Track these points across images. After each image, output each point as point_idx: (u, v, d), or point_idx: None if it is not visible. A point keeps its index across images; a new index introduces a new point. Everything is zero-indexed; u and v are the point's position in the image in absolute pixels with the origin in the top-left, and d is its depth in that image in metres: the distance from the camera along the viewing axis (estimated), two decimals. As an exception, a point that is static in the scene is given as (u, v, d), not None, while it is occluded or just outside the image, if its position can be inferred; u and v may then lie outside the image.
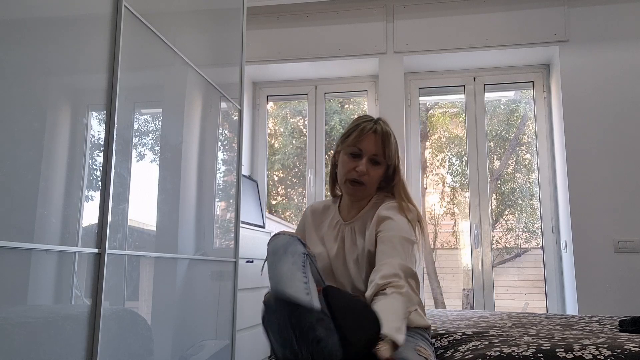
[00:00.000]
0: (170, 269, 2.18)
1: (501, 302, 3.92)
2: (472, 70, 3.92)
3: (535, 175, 3.84)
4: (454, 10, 3.71)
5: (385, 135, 1.50)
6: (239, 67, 2.90)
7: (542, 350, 1.33)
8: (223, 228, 2.70)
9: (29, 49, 1.41)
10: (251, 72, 3.97)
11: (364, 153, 1.49)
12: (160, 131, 2.14)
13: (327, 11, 3.84)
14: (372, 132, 1.49)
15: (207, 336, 2.40)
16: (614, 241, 3.29)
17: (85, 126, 1.66)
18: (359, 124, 1.52)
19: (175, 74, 2.25)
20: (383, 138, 1.49)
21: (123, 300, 1.86)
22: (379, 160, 1.49)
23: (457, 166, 4.23)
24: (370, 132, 1.49)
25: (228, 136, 2.85)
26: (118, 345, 1.76)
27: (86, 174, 1.65)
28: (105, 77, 1.74)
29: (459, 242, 4.11)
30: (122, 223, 1.82)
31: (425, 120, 4.28)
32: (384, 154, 1.49)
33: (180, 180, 2.25)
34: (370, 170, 1.49)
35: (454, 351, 1.52)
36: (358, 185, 1.50)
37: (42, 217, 1.46)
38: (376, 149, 1.49)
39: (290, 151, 4.31)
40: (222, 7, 2.79)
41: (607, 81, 3.46)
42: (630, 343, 1.35)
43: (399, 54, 3.75)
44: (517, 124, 4.26)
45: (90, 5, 1.69)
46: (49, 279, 1.49)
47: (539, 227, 3.79)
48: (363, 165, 1.47)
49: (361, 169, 1.47)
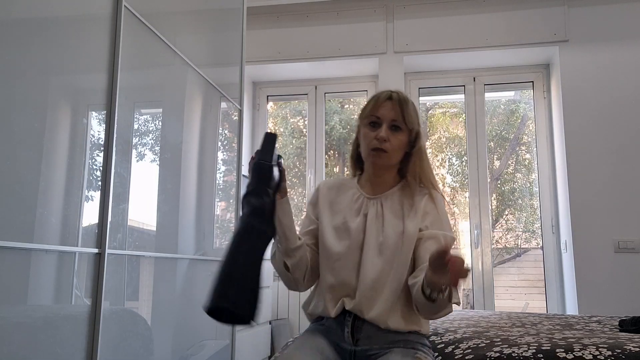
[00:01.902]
0: (170, 269, 2.18)
1: (501, 302, 3.92)
2: (472, 70, 3.92)
3: (535, 175, 3.84)
4: (454, 10, 3.71)
5: (402, 101, 1.47)
6: (239, 67, 2.90)
7: (542, 351, 1.33)
8: (223, 228, 2.70)
9: (29, 49, 1.41)
10: (251, 72, 3.97)
11: (382, 120, 1.45)
12: (160, 131, 2.14)
13: (327, 11, 3.84)
14: (388, 100, 1.47)
15: (207, 336, 2.40)
16: (614, 241, 3.29)
17: (85, 126, 1.66)
18: (375, 96, 1.51)
19: (175, 74, 2.25)
20: (400, 103, 1.46)
21: (123, 300, 1.86)
22: (399, 124, 1.45)
23: (457, 166, 4.23)
24: (386, 99, 1.47)
25: (228, 136, 2.85)
26: (118, 345, 1.76)
27: (86, 174, 1.65)
28: (105, 77, 1.74)
29: (459, 242, 4.11)
30: (122, 223, 1.82)
31: (425, 120, 4.28)
32: (403, 119, 1.44)
33: (180, 180, 2.25)
34: (391, 137, 1.44)
35: (455, 347, 1.52)
36: (381, 152, 1.44)
37: (42, 217, 1.46)
38: (395, 114, 1.45)
39: (290, 151, 4.31)
40: (222, 7, 2.79)
41: (607, 81, 3.46)
42: (630, 343, 1.35)
43: (399, 54, 3.75)
44: (517, 124, 4.26)
45: (90, 5, 1.69)
46: (49, 279, 1.49)
47: (539, 227, 3.79)
48: (383, 132, 1.43)
49: (382, 135, 1.43)
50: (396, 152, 1.46)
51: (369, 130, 1.47)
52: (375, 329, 1.36)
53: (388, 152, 1.44)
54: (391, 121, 1.44)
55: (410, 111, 1.46)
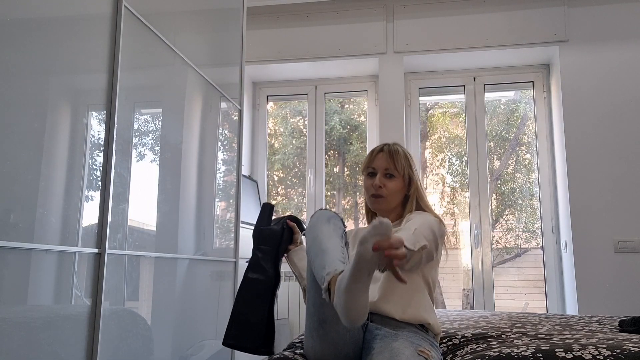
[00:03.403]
0: (170, 269, 2.18)
1: (501, 302, 3.92)
2: (472, 70, 3.92)
3: (535, 175, 3.84)
4: (454, 10, 3.71)
5: (393, 151, 1.68)
6: (238, 67, 2.90)
7: (541, 350, 1.33)
8: (223, 228, 2.70)
9: (29, 49, 1.42)
10: (251, 72, 3.97)
11: (377, 170, 1.67)
12: (160, 131, 2.14)
13: (327, 11, 3.84)
14: (380, 152, 1.69)
15: (207, 336, 2.40)
16: (614, 241, 3.29)
17: (85, 126, 1.66)
18: (371, 150, 1.74)
19: (175, 74, 2.25)
20: (391, 154, 1.68)
21: (123, 300, 1.86)
22: (392, 172, 1.66)
23: (457, 166, 4.23)
24: (379, 152, 1.70)
25: (228, 136, 2.85)
26: (118, 345, 1.76)
27: (86, 174, 1.65)
28: (105, 77, 1.74)
29: (459, 242, 4.11)
30: (122, 223, 1.82)
31: (425, 120, 4.28)
32: (395, 167, 1.65)
33: (180, 180, 2.25)
34: (387, 183, 1.65)
35: (453, 356, 1.52)
36: (378, 198, 1.65)
37: (42, 217, 1.46)
38: (387, 163, 1.66)
39: (290, 151, 4.31)
40: (222, 7, 2.79)
41: (607, 81, 3.46)
42: (630, 343, 1.35)
43: (399, 54, 3.75)
44: (517, 124, 4.26)
45: (90, 5, 1.69)
46: (49, 279, 1.49)
47: (539, 227, 3.79)
48: (377, 180, 1.65)
49: (376, 183, 1.65)
50: (393, 196, 1.67)
51: (367, 180, 1.70)
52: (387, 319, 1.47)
53: (385, 197, 1.65)
54: (384, 170, 1.67)
55: (401, 159, 1.67)
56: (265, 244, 1.62)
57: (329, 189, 4.19)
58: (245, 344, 1.51)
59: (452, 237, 4.16)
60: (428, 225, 1.47)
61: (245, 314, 1.53)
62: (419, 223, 1.46)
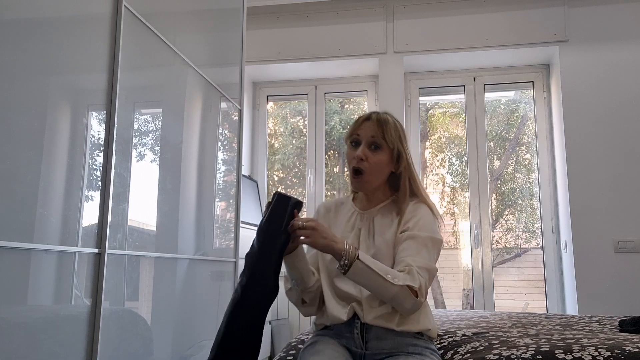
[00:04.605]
0: (170, 269, 2.18)
1: (501, 302, 3.91)
2: (472, 70, 3.92)
3: (535, 175, 3.84)
4: (454, 10, 3.71)
5: (382, 120, 1.47)
6: (238, 67, 2.90)
7: (541, 352, 1.33)
8: (223, 228, 2.70)
9: (29, 49, 1.42)
10: (251, 72, 3.97)
11: (361, 138, 1.46)
12: (160, 131, 2.14)
13: (327, 11, 3.84)
14: (367, 120, 1.48)
15: (207, 336, 2.40)
16: (614, 241, 3.29)
17: (85, 126, 1.66)
18: (357, 118, 1.53)
19: (175, 74, 2.25)
20: (380, 122, 1.46)
21: (123, 300, 1.86)
22: (378, 142, 1.44)
23: (457, 166, 4.23)
24: (365, 120, 1.49)
25: (228, 136, 2.85)
26: (118, 345, 1.76)
27: (86, 174, 1.65)
28: (105, 77, 1.74)
29: (459, 242, 4.11)
30: (122, 223, 1.82)
31: (425, 120, 4.28)
32: (383, 136, 1.44)
33: (180, 180, 2.25)
34: (370, 156, 1.44)
35: (454, 353, 1.52)
36: (357, 176, 1.45)
37: (42, 217, 1.46)
38: (373, 131, 1.45)
39: (290, 151, 4.31)
40: (222, 7, 2.79)
41: (607, 81, 3.46)
42: (630, 343, 1.34)
43: (399, 54, 3.75)
44: (517, 124, 4.25)
45: (90, 5, 1.69)
46: (49, 279, 1.49)
47: (539, 227, 3.79)
48: (360, 150, 1.44)
49: (358, 154, 1.44)
50: (375, 172, 1.46)
51: (350, 149, 1.49)
52: (383, 330, 1.39)
53: (366, 172, 1.44)
54: (370, 138, 1.45)
55: (391, 129, 1.45)
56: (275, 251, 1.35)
57: (329, 189, 4.19)
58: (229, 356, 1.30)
59: (452, 237, 4.16)
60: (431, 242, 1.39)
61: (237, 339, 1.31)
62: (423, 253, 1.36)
